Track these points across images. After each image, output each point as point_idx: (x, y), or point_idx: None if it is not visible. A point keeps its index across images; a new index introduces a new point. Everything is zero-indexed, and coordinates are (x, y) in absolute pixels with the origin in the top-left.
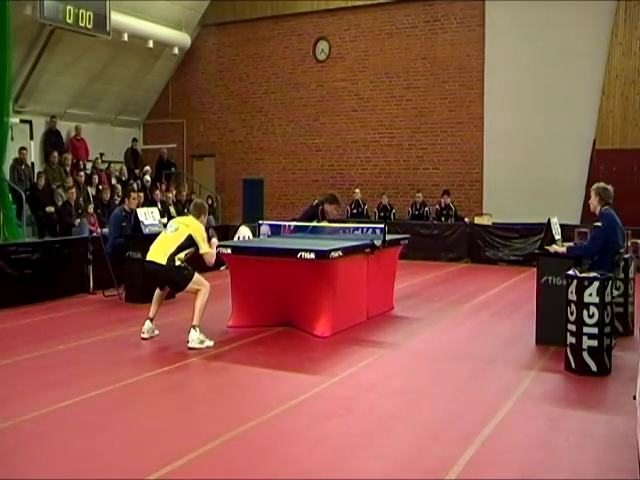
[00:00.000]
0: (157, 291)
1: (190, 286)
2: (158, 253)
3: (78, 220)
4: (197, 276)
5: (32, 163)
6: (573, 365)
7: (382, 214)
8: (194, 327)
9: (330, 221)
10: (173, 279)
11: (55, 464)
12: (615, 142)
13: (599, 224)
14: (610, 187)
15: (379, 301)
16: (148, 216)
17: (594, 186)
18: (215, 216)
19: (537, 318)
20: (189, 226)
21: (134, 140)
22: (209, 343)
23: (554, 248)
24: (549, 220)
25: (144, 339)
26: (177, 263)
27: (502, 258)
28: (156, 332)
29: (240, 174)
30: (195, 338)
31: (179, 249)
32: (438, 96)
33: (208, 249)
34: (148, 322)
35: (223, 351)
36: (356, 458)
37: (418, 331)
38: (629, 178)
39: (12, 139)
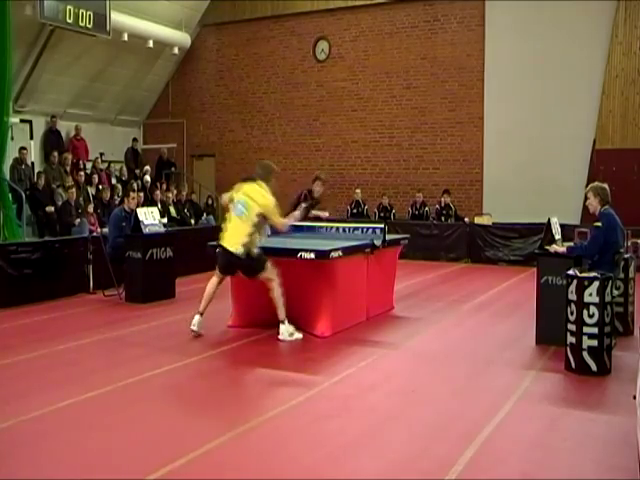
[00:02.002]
0: (212, 281)
1: (263, 274)
2: (231, 240)
3: (78, 220)
4: (269, 264)
5: (32, 163)
6: (573, 365)
7: (382, 214)
8: (282, 322)
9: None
10: (250, 266)
11: (55, 464)
12: (615, 142)
13: (599, 224)
14: (606, 185)
15: (379, 301)
16: (148, 216)
17: (591, 187)
18: (215, 216)
19: (537, 318)
20: (258, 202)
21: (134, 140)
22: (298, 336)
23: (554, 248)
24: (549, 220)
25: (194, 332)
26: (253, 250)
27: (502, 258)
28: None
29: (240, 174)
30: (285, 331)
31: (252, 233)
32: (438, 96)
33: (281, 219)
34: (198, 316)
35: (223, 351)
36: (356, 458)
37: (418, 331)
38: (629, 178)
39: (12, 139)
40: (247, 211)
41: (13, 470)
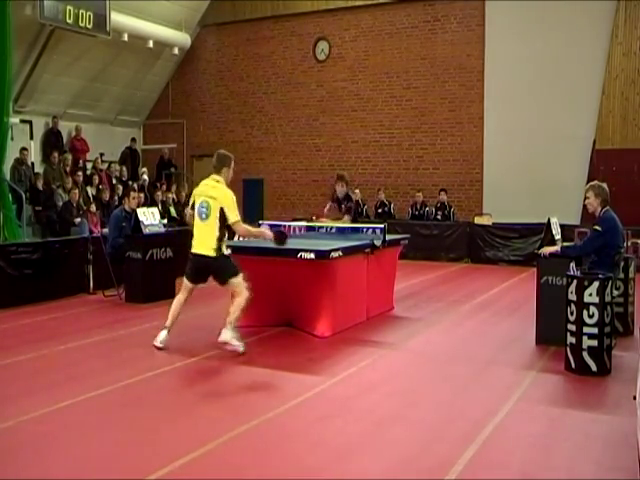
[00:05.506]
0: (178, 299)
1: (234, 281)
2: (201, 246)
3: (78, 219)
4: (242, 276)
5: (32, 163)
6: (573, 365)
7: (380, 210)
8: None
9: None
10: (221, 269)
11: (55, 464)
12: (615, 142)
13: (599, 228)
14: (605, 185)
15: (379, 301)
16: (148, 216)
17: (591, 186)
18: None
19: (537, 318)
20: (217, 198)
21: (132, 140)
22: (237, 344)
23: (547, 250)
24: (549, 220)
25: (158, 348)
26: (224, 253)
27: (502, 258)
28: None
29: (240, 174)
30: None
31: (220, 237)
32: (438, 96)
33: (237, 218)
34: (165, 332)
35: (223, 351)
36: (356, 458)
37: (418, 331)
38: (629, 178)
39: (12, 139)
40: (209, 212)
41: (13, 470)
